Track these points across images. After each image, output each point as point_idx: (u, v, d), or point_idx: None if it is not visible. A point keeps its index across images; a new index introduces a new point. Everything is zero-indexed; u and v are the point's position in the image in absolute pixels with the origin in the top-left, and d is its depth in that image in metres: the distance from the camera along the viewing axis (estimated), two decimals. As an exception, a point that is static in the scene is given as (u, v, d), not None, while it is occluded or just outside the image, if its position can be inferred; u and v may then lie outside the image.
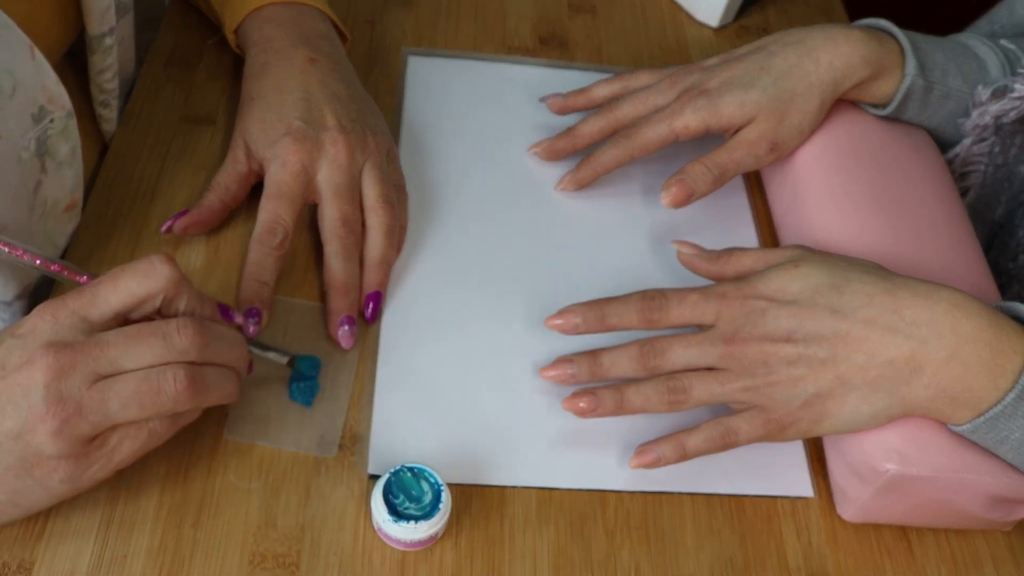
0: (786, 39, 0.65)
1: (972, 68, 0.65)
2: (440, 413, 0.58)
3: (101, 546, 0.50)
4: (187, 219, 0.60)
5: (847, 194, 0.63)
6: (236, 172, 0.62)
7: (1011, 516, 0.55)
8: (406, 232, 0.65)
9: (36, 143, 0.53)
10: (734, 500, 0.57)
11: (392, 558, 0.52)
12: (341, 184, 0.61)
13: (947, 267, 0.60)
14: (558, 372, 0.56)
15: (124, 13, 0.63)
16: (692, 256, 0.60)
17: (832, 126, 0.67)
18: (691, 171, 0.64)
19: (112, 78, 0.64)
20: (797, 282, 0.54)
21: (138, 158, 0.66)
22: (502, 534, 0.54)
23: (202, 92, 0.71)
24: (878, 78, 0.65)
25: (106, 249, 0.61)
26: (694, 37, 0.83)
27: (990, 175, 0.69)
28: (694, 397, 0.54)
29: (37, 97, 0.52)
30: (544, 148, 0.70)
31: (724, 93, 0.64)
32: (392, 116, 0.72)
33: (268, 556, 0.51)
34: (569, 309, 0.57)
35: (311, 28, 0.66)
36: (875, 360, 0.51)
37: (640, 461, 0.54)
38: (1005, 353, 0.50)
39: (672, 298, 0.55)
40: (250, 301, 0.58)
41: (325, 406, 0.57)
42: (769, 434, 0.53)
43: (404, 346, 0.60)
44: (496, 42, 0.79)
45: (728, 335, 0.53)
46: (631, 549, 0.54)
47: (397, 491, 0.51)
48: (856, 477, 0.54)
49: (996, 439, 0.51)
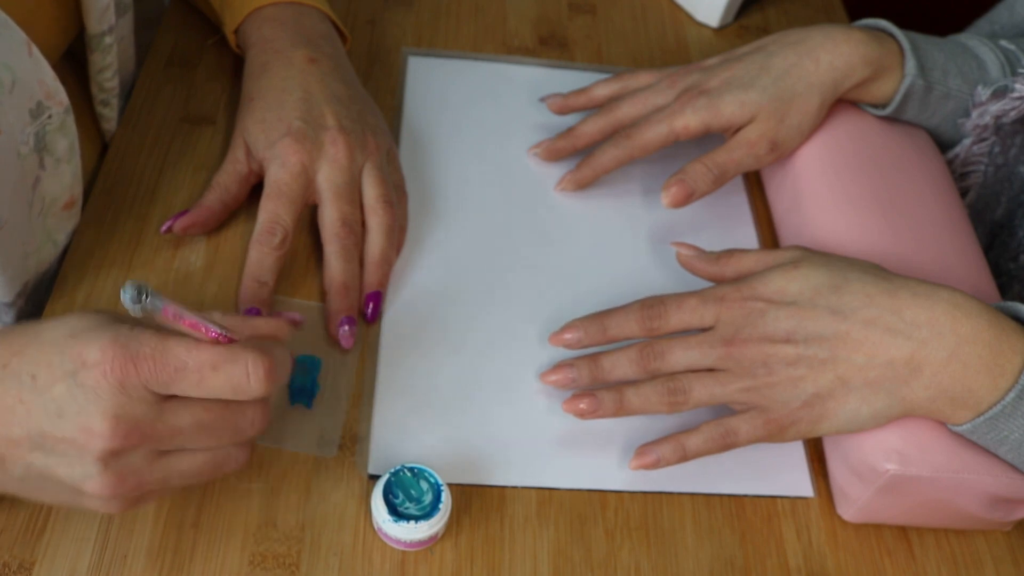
0: (786, 39, 0.65)
1: (972, 68, 0.65)
2: (440, 413, 0.58)
3: (101, 546, 0.50)
4: (187, 219, 0.60)
5: (847, 194, 0.63)
6: (236, 172, 0.62)
7: (1011, 516, 0.55)
8: (406, 232, 0.65)
9: (34, 139, 0.53)
10: (734, 500, 0.57)
11: (392, 558, 0.52)
12: (341, 184, 0.61)
13: (947, 267, 0.60)
14: (559, 377, 0.57)
15: (123, 12, 0.63)
16: (691, 257, 0.60)
17: (832, 126, 0.67)
18: (691, 171, 0.64)
19: (112, 77, 0.64)
20: (796, 283, 0.54)
21: (138, 158, 0.66)
22: (502, 534, 0.54)
23: (202, 92, 0.71)
24: (878, 78, 0.65)
25: (106, 249, 0.61)
26: (694, 37, 0.83)
27: (990, 175, 0.69)
28: (694, 398, 0.54)
29: (35, 92, 0.52)
30: (544, 148, 0.70)
31: (724, 93, 0.64)
32: (392, 116, 0.72)
33: (268, 556, 0.51)
34: (571, 325, 0.57)
35: (311, 28, 0.66)
36: (875, 361, 0.51)
37: (640, 462, 0.54)
38: (1005, 353, 0.50)
39: (671, 304, 0.55)
40: (250, 301, 0.58)
41: (325, 406, 0.57)
42: (769, 435, 0.53)
43: (404, 346, 0.60)
44: (496, 42, 0.79)
45: (728, 336, 0.53)
46: (631, 549, 0.54)
47: (397, 491, 0.51)
48: (856, 477, 0.54)
49: (996, 439, 0.51)
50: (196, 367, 0.42)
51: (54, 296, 0.58)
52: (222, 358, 0.43)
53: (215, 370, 0.43)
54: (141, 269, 0.60)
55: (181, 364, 0.42)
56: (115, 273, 0.60)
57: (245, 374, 0.43)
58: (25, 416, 0.42)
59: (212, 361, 0.43)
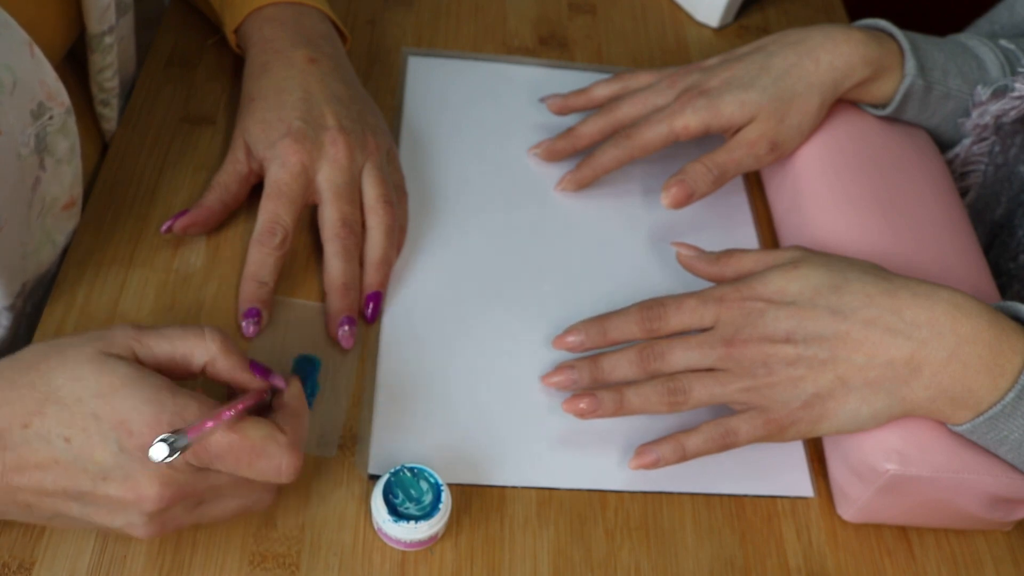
0: (786, 39, 0.65)
1: (972, 68, 0.65)
2: (440, 413, 0.58)
3: (101, 546, 0.50)
4: (187, 219, 0.60)
5: (847, 194, 0.63)
6: (236, 172, 0.62)
7: (1011, 516, 0.55)
8: (406, 232, 0.65)
9: (35, 139, 0.53)
10: (734, 500, 0.57)
11: (392, 558, 0.52)
12: (341, 184, 0.61)
13: (947, 267, 0.60)
14: (560, 378, 0.57)
15: (124, 12, 0.63)
16: (691, 258, 0.60)
17: (832, 126, 0.67)
18: (691, 171, 0.64)
19: (112, 77, 0.64)
20: (796, 283, 0.54)
21: (138, 158, 0.66)
22: (502, 534, 0.54)
23: (202, 92, 0.71)
24: (878, 78, 0.65)
25: (106, 249, 0.61)
26: (694, 37, 0.83)
27: (990, 175, 0.69)
28: (694, 398, 0.54)
29: (36, 93, 0.52)
30: (544, 149, 0.70)
31: (724, 93, 0.64)
32: (392, 116, 0.72)
33: (268, 556, 0.51)
34: (573, 328, 0.57)
35: (311, 28, 0.66)
36: (875, 361, 0.51)
37: (640, 462, 0.54)
38: (1005, 353, 0.50)
39: (670, 306, 0.55)
40: (250, 301, 0.58)
41: (325, 406, 0.57)
42: (769, 434, 0.53)
43: (404, 346, 0.60)
44: (496, 42, 0.79)
45: (727, 336, 0.53)
46: (631, 549, 0.54)
47: (397, 491, 0.51)
48: (856, 477, 0.54)
49: (996, 439, 0.51)
50: (234, 459, 0.45)
51: (53, 296, 0.58)
52: (258, 454, 0.45)
53: (250, 465, 0.45)
54: (141, 269, 0.60)
55: (221, 453, 0.45)
56: (115, 273, 0.60)
57: (278, 470, 0.46)
58: (61, 475, 0.43)
59: (248, 456, 0.45)
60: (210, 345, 0.47)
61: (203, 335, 0.48)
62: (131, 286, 0.60)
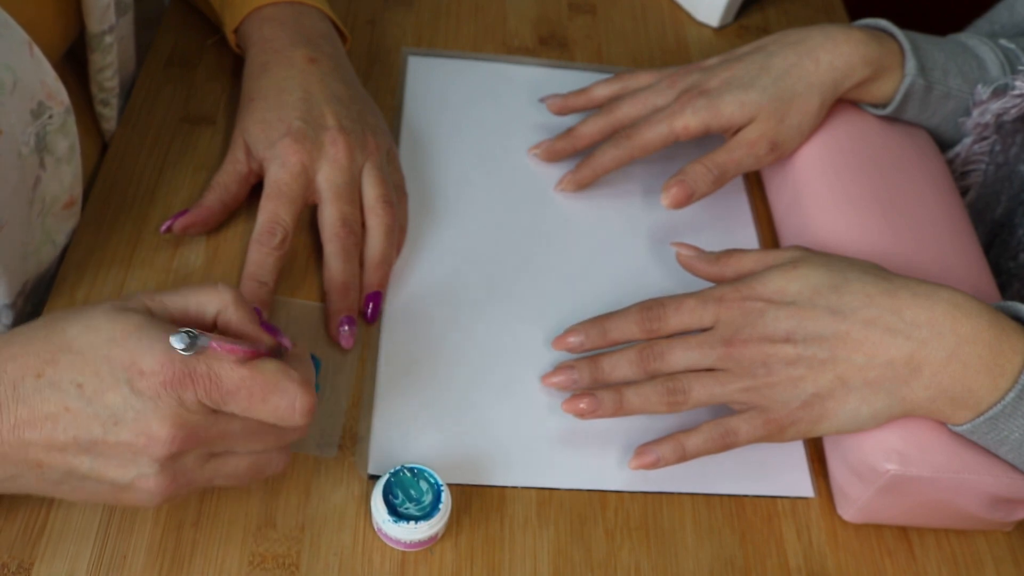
0: (786, 39, 0.65)
1: (972, 67, 0.65)
2: (440, 413, 0.58)
3: (101, 546, 0.50)
4: (187, 219, 0.60)
5: (847, 194, 0.63)
6: (236, 172, 0.62)
7: (1012, 516, 0.55)
8: (406, 232, 0.65)
9: (35, 139, 0.53)
10: (734, 500, 0.57)
11: (392, 558, 0.52)
12: (341, 184, 0.61)
13: (947, 267, 0.60)
14: (560, 379, 0.57)
15: (124, 12, 0.63)
16: (691, 258, 0.60)
17: (832, 126, 0.67)
18: (691, 171, 0.64)
19: (112, 77, 0.64)
20: (796, 283, 0.54)
21: (138, 158, 0.66)
22: (502, 534, 0.54)
23: (202, 92, 0.71)
24: (878, 78, 0.65)
25: (106, 249, 0.61)
26: (694, 37, 0.83)
27: (991, 174, 0.69)
28: (693, 398, 0.54)
29: (36, 93, 0.52)
30: (544, 149, 0.70)
31: (724, 93, 0.64)
32: (392, 116, 0.72)
33: (268, 556, 0.51)
34: (573, 329, 0.58)
35: (311, 28, 0.66)
36: (875, 361, 0.51)
37: (640, 462, 0.54)
38: (1005, 353, 0.50)
39: (670, 306, 0.55)
40: (250, 301, 0.58)
41: (325, 406, 0.57)
42: (769, 434, 0.53)
43: (404, 346, 0.60)
44: (496, 42, 0.79)
45: (727, 336, 0.53)
46: (631, 549, 0.54)
47: (397, 491, 0.51)
48: (856, 477, 0.54)
49: (996, 439, 0.51)
50: (247, 394, 0.44)
51: (53, 296, 0.58)
52: (271, 389, 0.45)
53: (264, 401, 0.45)
54: (140, 269, 0.60)
55: (234, 389, 0.44)
56: (115, 273, 0.60)
57: (292, 408, 0.45)
58: (72, 423, 0.43)
59: (262, 391, 0.45)
60: (223, 295, 0.47)
61: (216, 287, 0.48)
62: (131, 286, 0.60)
